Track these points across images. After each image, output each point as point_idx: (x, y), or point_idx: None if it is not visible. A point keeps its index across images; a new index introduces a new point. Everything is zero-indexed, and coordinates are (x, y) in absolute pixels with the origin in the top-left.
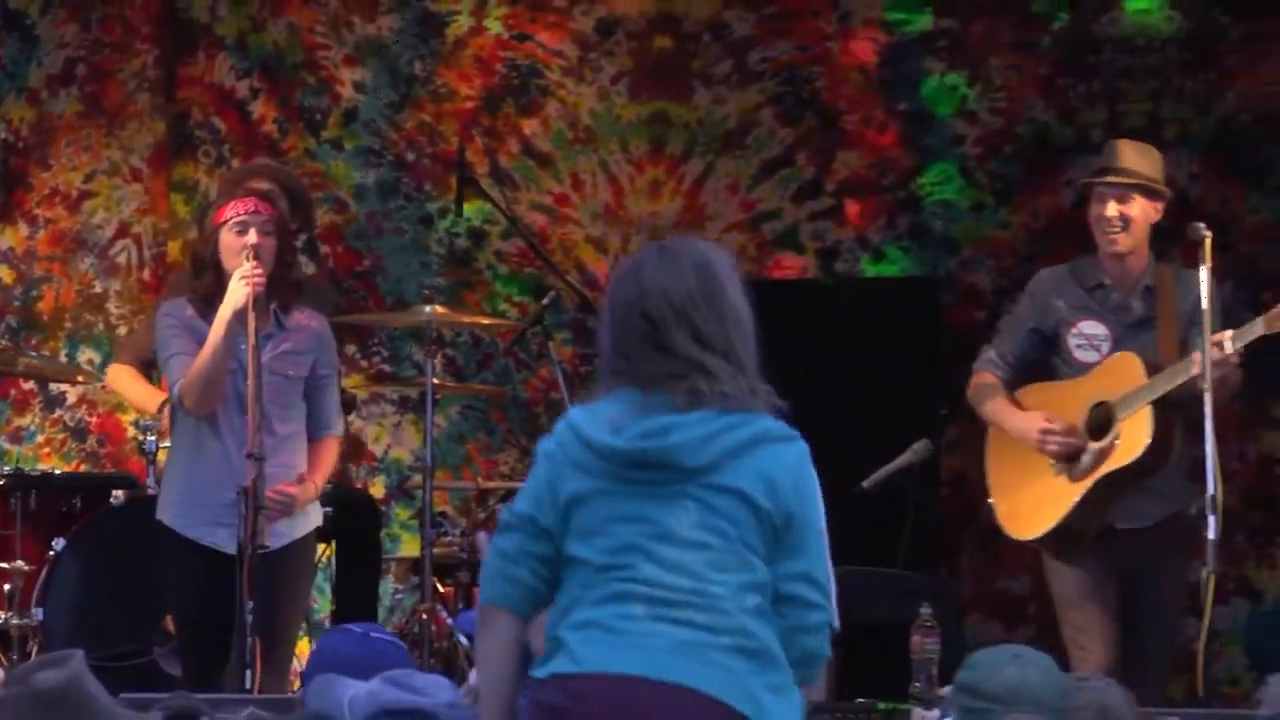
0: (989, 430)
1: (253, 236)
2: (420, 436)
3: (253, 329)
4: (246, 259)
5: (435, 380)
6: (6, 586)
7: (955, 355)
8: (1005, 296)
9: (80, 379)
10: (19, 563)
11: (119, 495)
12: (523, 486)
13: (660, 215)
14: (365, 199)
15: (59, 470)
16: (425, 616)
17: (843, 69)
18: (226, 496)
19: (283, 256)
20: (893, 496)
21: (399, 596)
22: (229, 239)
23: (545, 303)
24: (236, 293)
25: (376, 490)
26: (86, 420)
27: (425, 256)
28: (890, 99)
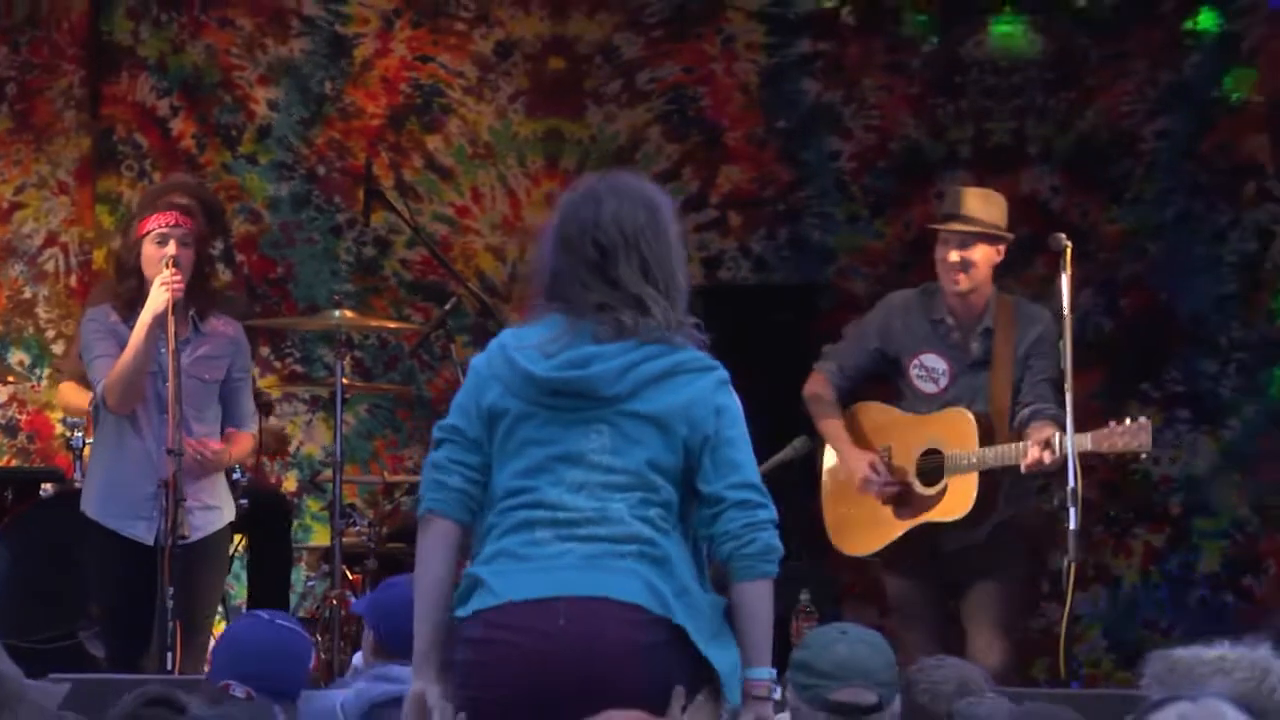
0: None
1: (172, 247)
2: (331, 433)
3: (172, 333)
4: (166, 267)
5: (345, 380)
6: None
7: None
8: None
9: (11, 379)
10: None
11: (48, 488)
12: (452, 403)
13: None
14: (279, 210)
15: None
16: (335, 602)
17: (726, 89)
18: (146, 490)
19: (200, 267)
20: (773, 489)
21: (311, 584)
22: (150, 249)
23: (448, 308)
24: (157, 299)
25: (289, 484)
26: (17, 418)
27: (335, 264)
28: (770, 117)
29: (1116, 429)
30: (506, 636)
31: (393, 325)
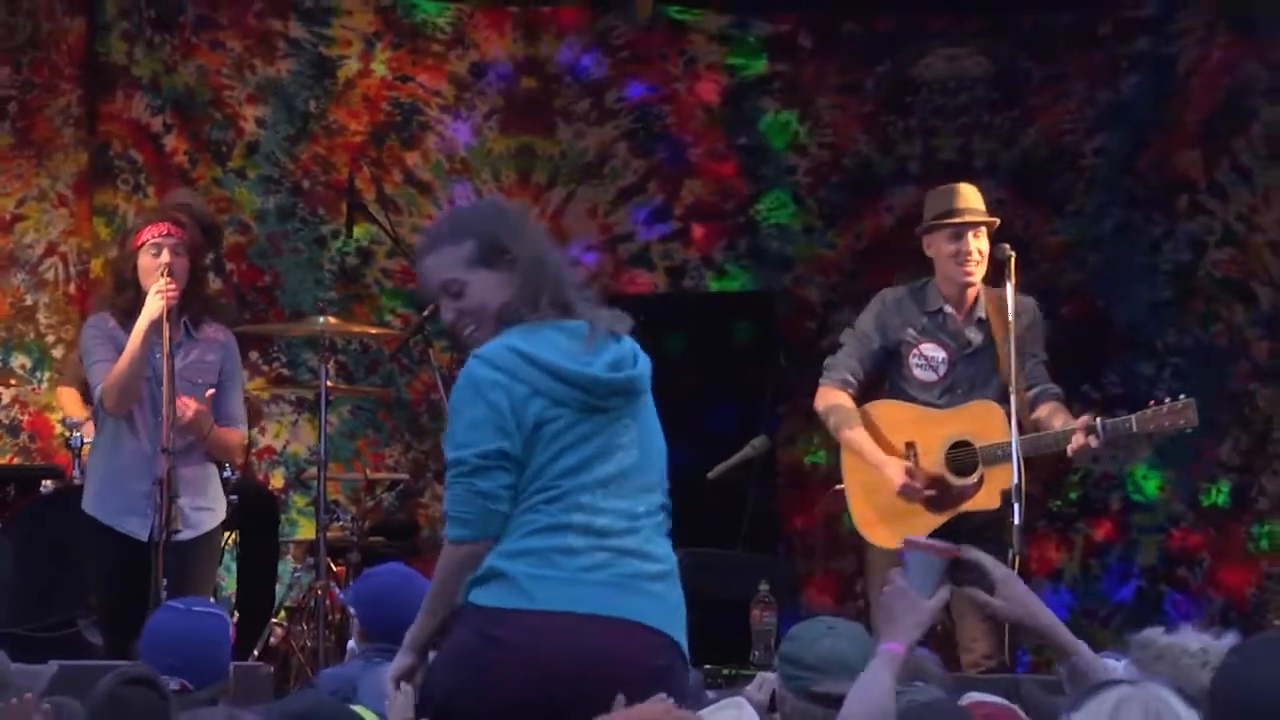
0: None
1: (166, 256)
2: (315, 433)
3: (167, 338)
4: (161, 276)
5: (329, 383)
6: None
7: (790, 361)
8: (833, 309)
9: (13, 382)
10: None
11: (48, 485)
12: (470, 421)
13: None
14: (266, 222)
15: None
16: (320, 592)
17: (689, 107)
18: (141, 487)
19: (194, 275)
20: (735, 486)
21: (297, 575)
22: (146, 259)
23: (426, 314)
24: (153, 306)
25: (276, 481)
26: (19, 418)
27: (319, 273)
28: (731, 134)
29: (1161, 409)
30: (533, 643)
31: (374, 331)
